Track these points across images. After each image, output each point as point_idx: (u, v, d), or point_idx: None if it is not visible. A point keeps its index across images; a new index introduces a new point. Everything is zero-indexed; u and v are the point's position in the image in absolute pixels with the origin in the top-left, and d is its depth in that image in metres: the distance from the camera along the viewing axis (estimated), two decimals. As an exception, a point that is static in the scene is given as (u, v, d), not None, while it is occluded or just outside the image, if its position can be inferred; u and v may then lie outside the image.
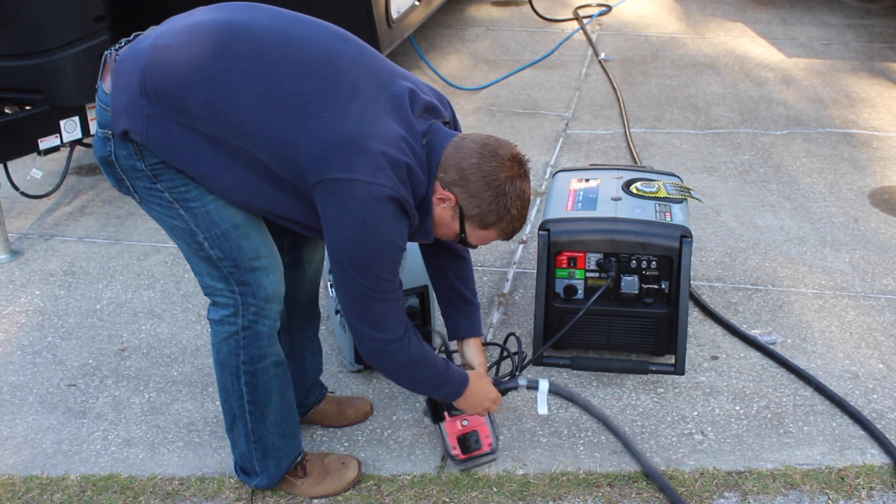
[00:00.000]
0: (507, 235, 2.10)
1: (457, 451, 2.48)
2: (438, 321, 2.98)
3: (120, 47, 2.02)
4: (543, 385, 2.38)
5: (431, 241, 2.14)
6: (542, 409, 2.39)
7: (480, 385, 2.33)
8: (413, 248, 2.83)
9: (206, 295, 2.18)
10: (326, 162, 1.90)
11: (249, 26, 1.97)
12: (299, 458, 2.41)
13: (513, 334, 2.75)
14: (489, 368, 2.79)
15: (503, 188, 2.01)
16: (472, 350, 2.48)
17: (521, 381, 2.44)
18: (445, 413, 2.47)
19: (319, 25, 2.05)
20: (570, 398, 2.43)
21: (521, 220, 2.08)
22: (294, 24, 2.03)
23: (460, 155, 2.01)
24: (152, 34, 2.01)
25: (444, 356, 2.64)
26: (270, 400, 2.26)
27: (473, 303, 2.46)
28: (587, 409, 2.44)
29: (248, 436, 2.31)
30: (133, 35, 2.07)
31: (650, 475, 2.42)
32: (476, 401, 2.32)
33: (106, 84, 2.00)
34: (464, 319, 2.46)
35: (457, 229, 2.09)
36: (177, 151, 1.95)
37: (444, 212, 2.06)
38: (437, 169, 2.02)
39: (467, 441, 2.46)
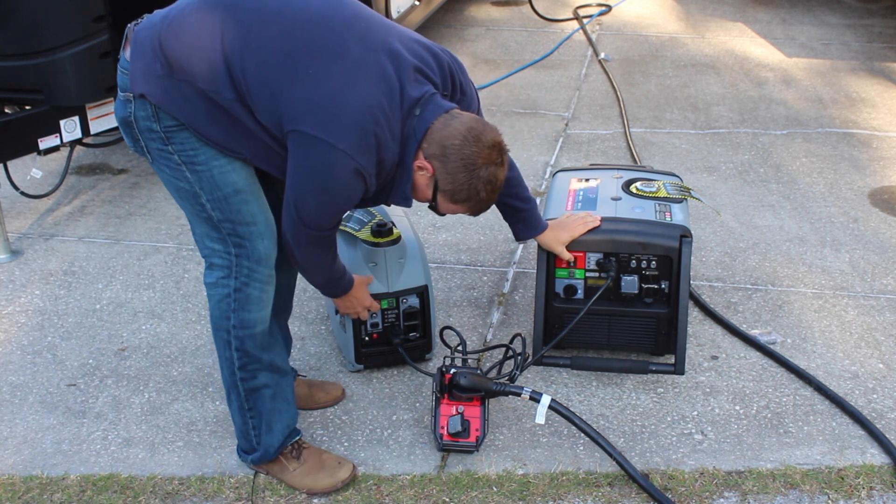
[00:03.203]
0: (474, 213, 2.27)
1: (443, 431, 2.51)
2: (440, 321, 2.99)
3: (138, 22, 2.17)
4: (545, 400, 2.44)
5: (410, 206, 2.29)
6: (540, 420, 2.45)
7: (361, 292, 2.61)
8: (414, 248, 2.83)
9: (203, 257, 2.30)
10: (303, 115, 2.04)
11: None
12: (297, 439, 2.46)
13: (519, 335, 2.75)
14: (491, 368, 2.80)
15: (478, 172, 2.15)
16: (545, 240, 2.75)
17: (526, 391, 2.45)
18: (446, 394, 2.49)
19: None
20: (568, 418, 2.45)
21: (488, 202, 2.24)
22: None
23: (446, 133, 2.13)
24: (165, 9, 2.17)
25: (461, 352, 2.68)
26: (260, 362, 2.33)
27: (525, 208, 2.69)
28: (585, 431, 2.45)
29: (242, 405, 2.36)
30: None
31: (649, 493, 2.41)
32: (350, 302, 2.60)
33: (126, 52, 2.16)
34: (520, 223, 2.72)
35: (429, 197, 2.24)
36: (186, 108, 2.09)
37: (421, 178, 2.21)
38: (423, 139, 2.15)
39: (457, 426, 2.49)
